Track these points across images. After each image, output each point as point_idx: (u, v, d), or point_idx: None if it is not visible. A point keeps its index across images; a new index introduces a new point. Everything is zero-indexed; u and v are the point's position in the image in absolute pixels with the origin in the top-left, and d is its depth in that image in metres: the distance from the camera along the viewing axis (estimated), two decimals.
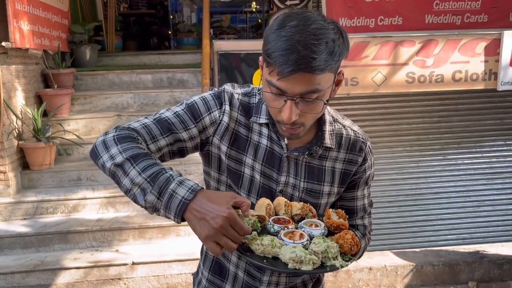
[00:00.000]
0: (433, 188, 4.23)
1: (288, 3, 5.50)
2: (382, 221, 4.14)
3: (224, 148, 1.14)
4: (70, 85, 4.75)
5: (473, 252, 3.74)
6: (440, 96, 4.04)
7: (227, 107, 1.14)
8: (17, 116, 3.88)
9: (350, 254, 1.01)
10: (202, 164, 1.25)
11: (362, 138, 1.21)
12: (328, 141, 1.15)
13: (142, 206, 0.97)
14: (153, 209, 0.96)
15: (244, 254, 0.98)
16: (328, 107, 1.18)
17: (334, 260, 0.97)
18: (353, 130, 1.21)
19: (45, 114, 4.19)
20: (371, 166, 1.24)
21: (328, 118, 1.17)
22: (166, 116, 1.12)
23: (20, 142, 3.93)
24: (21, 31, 3.88)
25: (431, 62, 3.83)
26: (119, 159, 0.99)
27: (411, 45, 3.84)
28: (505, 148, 4.27)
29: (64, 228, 3.49)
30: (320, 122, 1.16)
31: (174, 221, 0.94)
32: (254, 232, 1.01)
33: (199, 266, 1.36)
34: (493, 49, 3.80)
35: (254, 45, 4.01)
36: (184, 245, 3.47)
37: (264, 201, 1.09)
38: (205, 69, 3.98)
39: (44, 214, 3.70)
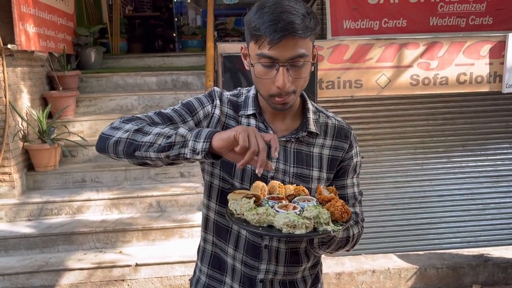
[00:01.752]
0: (438, 190, 4.22)
1: None
2: (386, 224, 4.13)
3: None
4: (75, 87, 4.78)
5: (477, 255, 3.72)
6: (445, 98, 4.03)
7: (217, 102, 1.24)
8: (22, 118, 3.90)
9: (341, 221, 1.04)
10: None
11: (347, 126, 1.29)
12: (313, 126, 1.22)
13: (164, 149, 1.01)
14: (181, 145, 1.00)
15: (241, 224, 1.03)
16: (311, 101, 1.27)
17: (326, 225, 1.01)
18: (337, 120, 1.29)
19: (50, 116, 4.22)
20: (357, 154, 1.29)
21: (311, 107, 1.26)
22: (166, 111, 1.21)
23: (25, 143, 3.96)
24: (27, 34, 3.91)
25: (436, 64, 3.82)
26: (135, 127, 1.07)
27: (415, 48, 3.84)
28: (510, 151, 4.25)
29: (68, 229, 3.51)
30: (304, 111, 1.25)
31: (201, 150, 0.97)
32: (252, 204, 1.06)
33: (196, 266, 1.39)
34: (498, 52, 3.79)
35: None
36: (187, 247, 3.47)
37: (258, 184, 1.13)
38: (209, 71, 3.99)
39: (49, 215, 3.72)
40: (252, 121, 1.22)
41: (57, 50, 4.70)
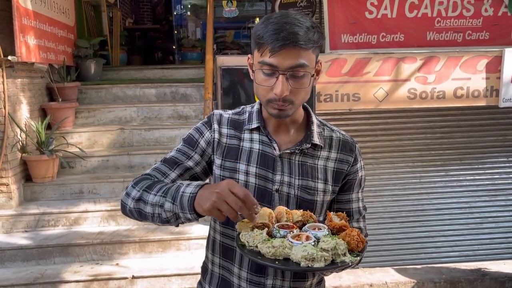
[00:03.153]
0: (435, 204, 4.22)
1: None
2: (383, 237, 4.12)
3: (218, 161, 1.24)
4: (75, 98, 4.80)
5: (475, 269, 3.71)
6: (442, 112, 4.06)
7: (215, 126, 1.27)
8: (21, 129, 3.91)
9: (357, 251, 1.03)
10: None
11: (351, 140, 1.31)
12: (317, 139, 1.23)
13: (166, 221, 1.09)
14: (175, 217, 1.06)
15: (255, 258, 1.01)
16: (315, 115, 1.29)
17: (343, 256, 1.00)
18: (342, 133, 1.31)
19: (49, 127, 4.23)
20: (362, 168, 1.31)
21: (315, 121, 1.27)
22: (170, 155, 1.27)
23: (23, 154, 3.96)
24: (28, 46, 3.94)
25: (433, 78, 3.85)
26: (137, 195, 1.14)
27: (412, 62, 3.88)
28: (507, 164, 4.26)
29: (65, 241, 3.49)
30: (308, 124, 1.26)
31: (191, 218, 1.04)
32: (265, 235, 1.05)
33: (200, 285, 1.37)
34: (495, 66, 3.83)
35: None
36: (184, 259, 3.46)
37: (265, 211, 1.10)
38: (208, 83, 4.02)
39: (46, 227, 3.70)
40: (255, 136, 1.24)
41: (57, 62, 4.73)
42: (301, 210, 1.15)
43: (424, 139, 4.16)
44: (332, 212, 1.16)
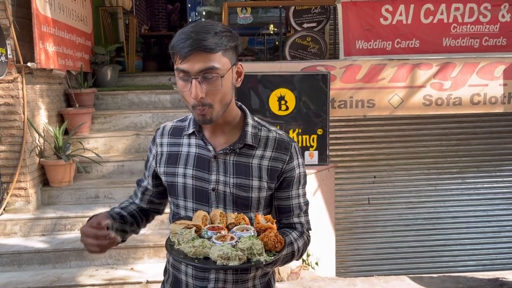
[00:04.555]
0: (452, 212, 4.17)
1: (305, 25, 5.58)
2: (398, 245, 4.08)
3: (161, 169, 1.36)
4: (91, 104, 4.87)
5: (492, 279, 3.64)
6: (458, 119, 4.02)
7: (158, 140, 1.40)
8: (39, 134, 3.98)
9: (275, 251, 1.11)
10: None
11: (287, 139, 1.35)
12: (250, 139, 1.29)
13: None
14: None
15: (178, 257, 1.12)
16: (253, 117, 1.36)
17: (259, 256, 1.08)
18: (278, 133, 1.36)
19: (66, 132, 4.29)
20: (299, 165, 1.35)
21: (251, 122, 1.33)
22: (140, 177, 1.51)
23: (41, 159, 4.03)
24: (46, 52, 4.02)
25: (449, 85, 3.82)
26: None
27: (428, 68, 3.85)
28: None
29: (80, 245, 3.49)
30: (244, 124, 1.33)
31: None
32: (194, 234, 1.15)
33: (162, 285, 1.48)
34: None
35: (270, 67, 4.07)
36: None
37: (200, 213, 1.21)
38: None
39: (62, 231, 3.75)
40: (193, 141, 1.33)
41: (75, 68, 4.81)
42: (236, 213, 1.23)
43: (439, 146, 4.12)
44: (260, 215, 1.24)
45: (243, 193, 1.28)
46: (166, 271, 1.45)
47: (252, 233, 1.15)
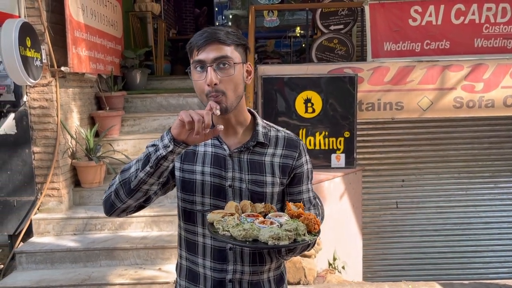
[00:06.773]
0: (483, 217, 4.06)
1: (332, 27, 5.55)
2: (427, 250, 3.99)
3: (177, 164, 1.40)
4: (121, 107, 4.98)
5: None
6: (491, 121, 3.91)
7: None
8: (72, 136, 4.11)
9: (314, 232, 1.20)
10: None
11: (295, 138, 1.45)
12: (261, 137, 1.39)
13: (148, 165, 1.21)
14: (154, 151, 1.20)
15: (228, 240, 1.18)
16: (262, 119, 1.43)
17: (303, 236, 1.17)
18: (287, 133, 1.46)
19: (96, 134, 4.41)
20: (307, 162, 1.45)
21: (261, 123, 1.42)
22: None
23: (73, 160, 4.14)
24: (79, 57, 4.14)
25: (481, 87, 3.73)
26: (119, 173, 1.31)
27: (459, 70, 3.77)
28: None
29: (110, 245, 3.61)
30: (254, 125, 1.41)
31: (169, 141, 1.17)
32: (237, 220, 1.22)
33: (175, 282, 1.53)
34: None
35: (297, 70, 4.07)
36: None
37: (232, 204, 1.28)
38: (249, 92, 4.06)
39: (93, 231, 3.85)
40: (208, 140, 1.37)
41: (106, 72, 4.93)
42: (263, 203, 1.31)
43: (471, 150, 4.02)
44: (290, 203, 1.31)
45: (258, 189, 1.36)
46: (177, 266, 1.51)
47: (287, 218, 1.23)
